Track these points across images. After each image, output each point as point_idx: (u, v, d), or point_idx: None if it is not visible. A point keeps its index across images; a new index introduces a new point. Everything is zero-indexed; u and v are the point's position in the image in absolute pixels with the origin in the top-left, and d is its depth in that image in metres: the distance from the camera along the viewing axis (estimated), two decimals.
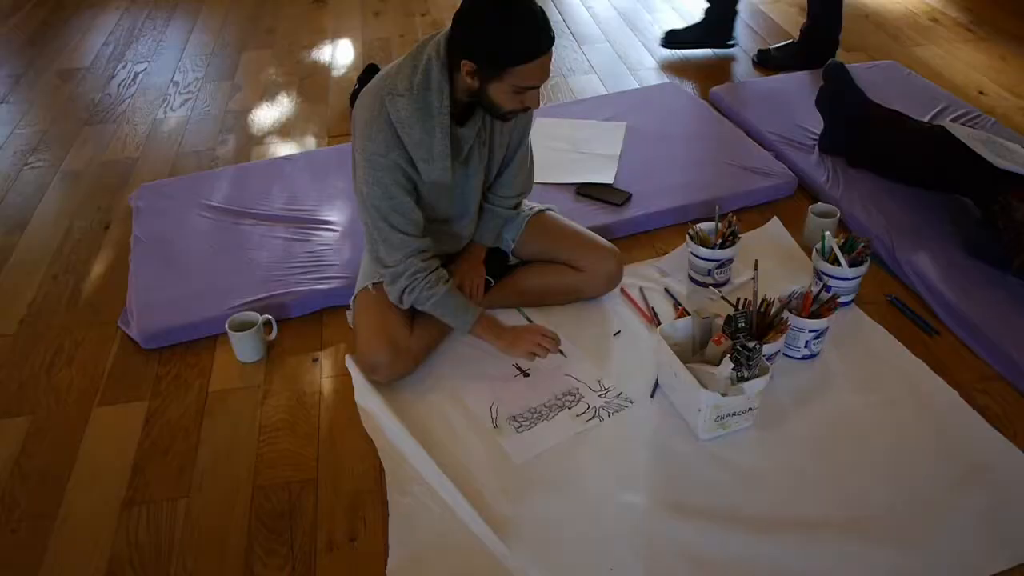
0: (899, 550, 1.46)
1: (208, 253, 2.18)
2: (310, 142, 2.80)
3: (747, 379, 1.58)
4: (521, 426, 1.71)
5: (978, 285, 1.98)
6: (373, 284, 1.82)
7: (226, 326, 1.88)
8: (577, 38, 3.50)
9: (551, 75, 3.12)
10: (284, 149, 2.76)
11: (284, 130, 2.88)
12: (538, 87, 1.58)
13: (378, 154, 1.62)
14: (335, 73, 3.27)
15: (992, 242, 2.02)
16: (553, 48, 1.53)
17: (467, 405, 1.76)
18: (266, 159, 2.67)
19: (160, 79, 3.30)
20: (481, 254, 1.96)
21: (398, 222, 1.67)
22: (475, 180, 1.80)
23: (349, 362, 1.86)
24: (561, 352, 1.82)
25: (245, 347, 1.90)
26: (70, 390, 1.87)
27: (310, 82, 3.21)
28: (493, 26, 1.49)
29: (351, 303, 1.88)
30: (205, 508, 1.60)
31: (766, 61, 3.18)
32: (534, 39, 1.50)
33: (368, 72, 3.04)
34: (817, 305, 1.81)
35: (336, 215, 2.30)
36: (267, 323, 1.93)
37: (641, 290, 2.05)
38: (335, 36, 3.60)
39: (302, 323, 2.02)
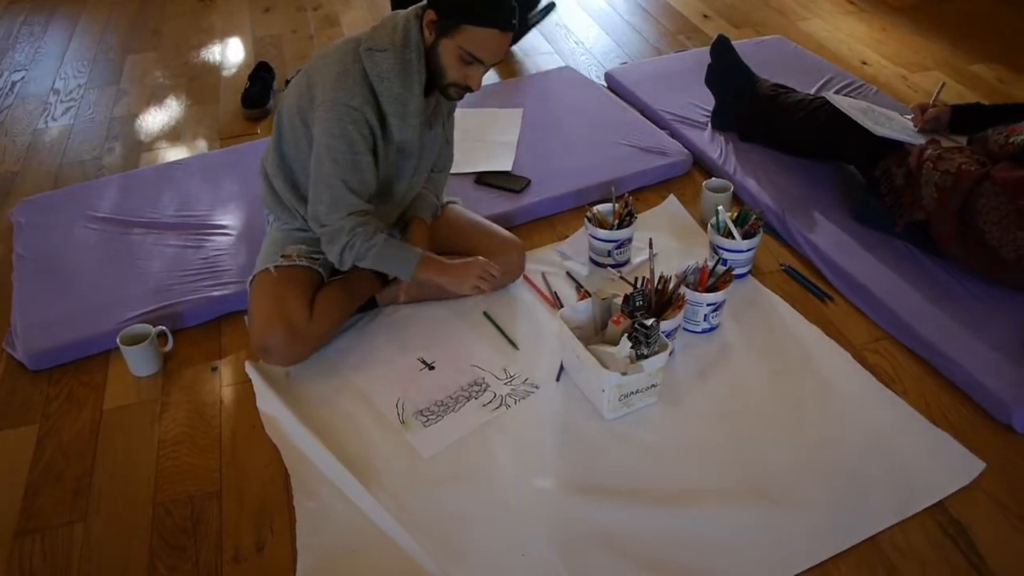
0: (805, 513, 1.50)
1: (96, 266, 2.10)
2: (201, 145, 2.72)
3: (647, 356, 1.60)
4: (428, 420, 1.70)
5: (866, 249, 2.05)
6: (275, 267, 1.78)
7: (117, 340, 1.81)
8: None
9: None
10: (174, 154, 2.67)
11: (174, 134, 2.79)
12: (484, 65, 1.64)
13: (351, 106, 1.63)
14: (225, 73, 3.18)
15: (877, 207, 2.09)
16: (510, 37, 1.61)
17: (372, 403, 1.74)
18: (155, 165, 2.58)
19: (40, 87, 3.15)
20: (425, 228, 1.93)
21: (353, 180, 1.68)
22: (428, 154, 1.85)
23: (249, 368, 1.82)
24: (513, 345, 1.86)
25: (139, 361, 1.83)
26: None
27: (199, 83, 3.12)
28: None
29: (247, 287, 1.83)
30: (104, 531, 1.54)
31: None
32: (497, 6, 1.56)
33: (259, 70, 2.98)
34: (714, 279, 1.85)
35: (230, 219, 2.23)
36: (161, 334, 1.87)
37: (543, 275, 2.06)
38: (224, 35, 3.50)
39: (199, 332, 1.96)
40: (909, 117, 2.27)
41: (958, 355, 1.76)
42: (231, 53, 3.34)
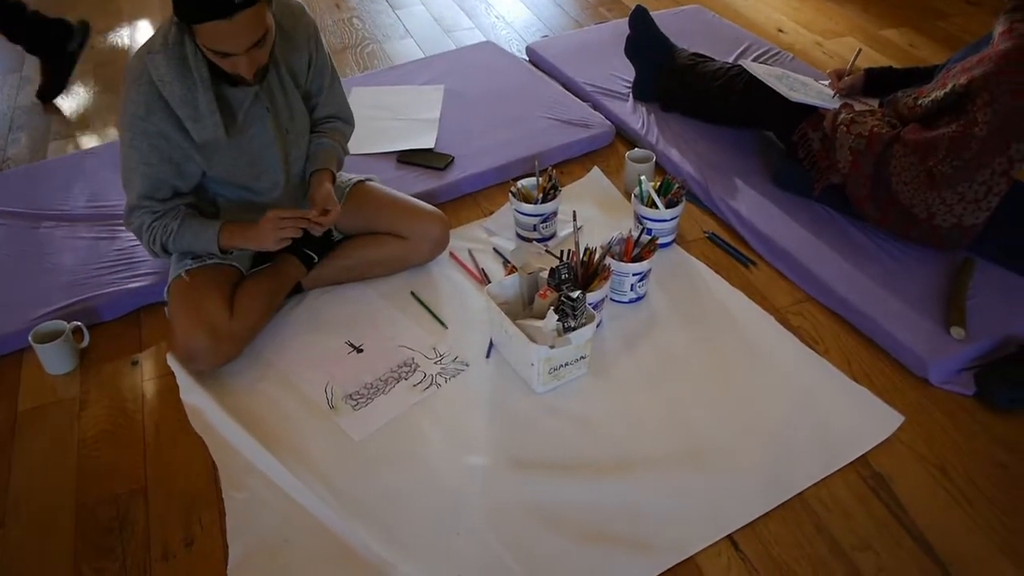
0: (734, 474, 1.53)
1: (3, 263, 2.01)
2: (111, 133, 2.62)
3: (574, 329, 1.61)
4: (358, 403, 1.68)
5: (786, 214, 2.09)
6: (187, 271, 1.73)
7: (29, 339, 1.74)
8: (391, 3, 3.43)
9: (366, 42, 3.09)
10: (84, 143, 2.57)
11: (83, 122, 2.69)
12: (234, 55, 1.48)
13: (138, 116, 1.56)
14: None
15: (795, 172, 2.13)
16: (245, 16, 1.43)
17: (300, 389, 1.71)
18: (64, 155, 2.48)
19: None
20: (327, 179, 1.82)
21: (147, 188, 1.63)
22: (273, 146, 1.73)
23: (171, 360, 1.77)
24: (442, 324, 1.84)
25: (53, 359, 1.77)
26: None
27: (108, 69, 3.00)
28: None
29: (165, 294, 1.78)
30: (23, 536, 1.49)
31: None
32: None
33: None
34: (639, 249, 1.86)
35: None
36: (76, 330, 1.81)
37: (470, 252, 2.04)
38: (132, 18, 3.38)
39: (117, 325, 1.90)
40: (825, 83, 2.31)
41: (876, 313, 1.80)
42: (141, 37, 3.22)
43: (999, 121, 1.74)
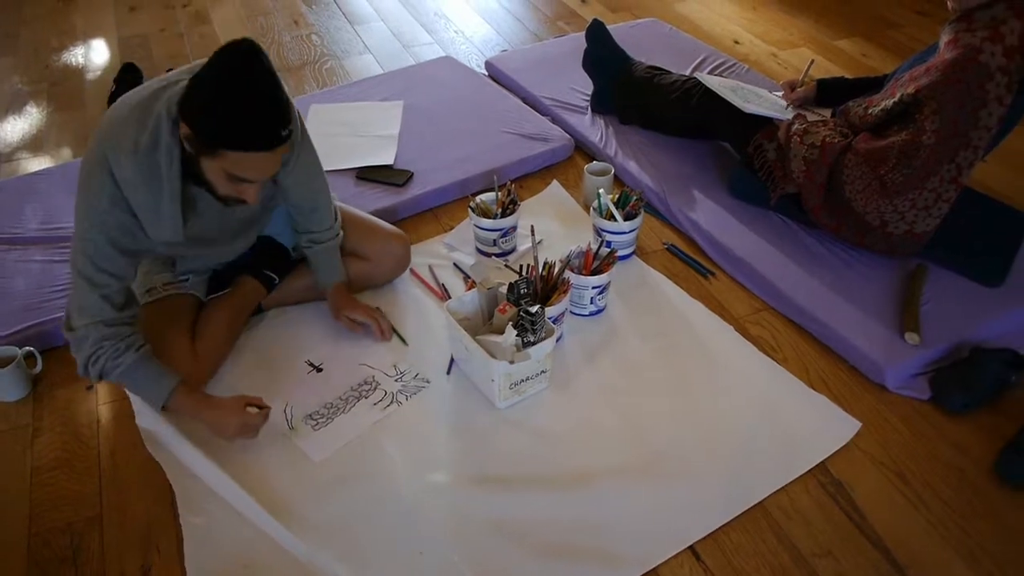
0: (696, 484, 1.54)
1: None
2: (66, 153, 2.58)
3: (534, 343, 1.61)
4: (318, 424, 1.66)
5: (744, 224, 2.11)
6: (144, 304, 1.70)
7: None
8: (350, 19, 3.42)
9: (325, 58, 3.08)
10: (36, 164, 2.53)
11: (35, 143, 2.64)
12: (255, 182, 1.44)
13: (98, 209, 1.44)
14: (90, 76, 3.03)
15: (751, 182, 2.15)
16: (284, 148, 1.40)
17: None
18: (15, 177, 2.44)
19: None
20: (343, 291, 1.85)
21: (102, 282, 1.49)
22: (238, 223, 1.69)
23: None
24: (403, 341, 1.83)
25: (5, 385, 1.73)
26: None
27: (62, 88, 2.96)
28: (218, 99, 1.32)
29: None
30: None
31: None
32: (255, 131, 1.35)
33: (126, 72, 2.85)
34: (598, 262, 1.87)
35: None
36: (29, 356, 1.77)
37: (430, 268, 2.04)
38: (87, 36, 3.33)
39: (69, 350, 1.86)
40: (778, 94, 2.34)
41: (832, 320, 1.83)
42: (95, 55, 3.18)
43: (946, 129, 1.78)
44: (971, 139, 1.79)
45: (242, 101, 1.33)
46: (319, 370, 1.78)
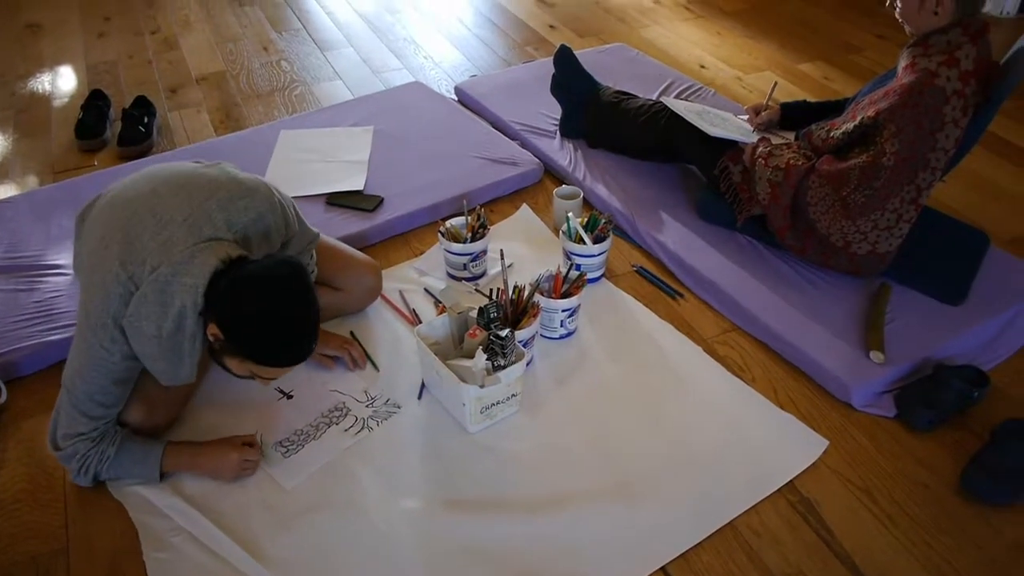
0: (667, 506, 1.55)
1: None
2: (31, 181, 2.56)
3: (504, 367, 1.61)
4: (288, 450, 1.65)
5: (711, 245, 2.14)
6: None
7: None
8: (320, 45, 3.43)
9: (295, 84, 3.09)
10: (2, 192, 2.50)
11: (0, 171, 2.62)
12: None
13: (108, 361, 1.44)
14: (57, 103, 3.01)
15: (718, 204, 2.18)
16: (306, 358, 1.45)
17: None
18: None
19: None
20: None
21: (98, 415, 1.50)
22: None
23: None
24: (375, 367, 1.83)
25: None
26: None
27: (28, 115, 2.94)
28: (247, 320, 1.36)
29: None
30: None
31: None
32: (291, 357, 1.42)
33: (94, 98, 2.84)
34: (568, 285, 1.88)
35: (65, 257, 2.11)
36: None
37: (401, 293, 2.04)
38: (54, 63, 3.31)
39: (37, 380, 1.84)
40: (743, 117, 2.38)
41: (799, 340, 1.85)
42: (62, 82, 3.16)
43: (905, 151, 1.82)
44: (929, 161, 1.83)
45: (283, 334, 1.39)
46: (289, 396, 1.77)
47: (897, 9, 1.88)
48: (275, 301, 1.37)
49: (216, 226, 1.47)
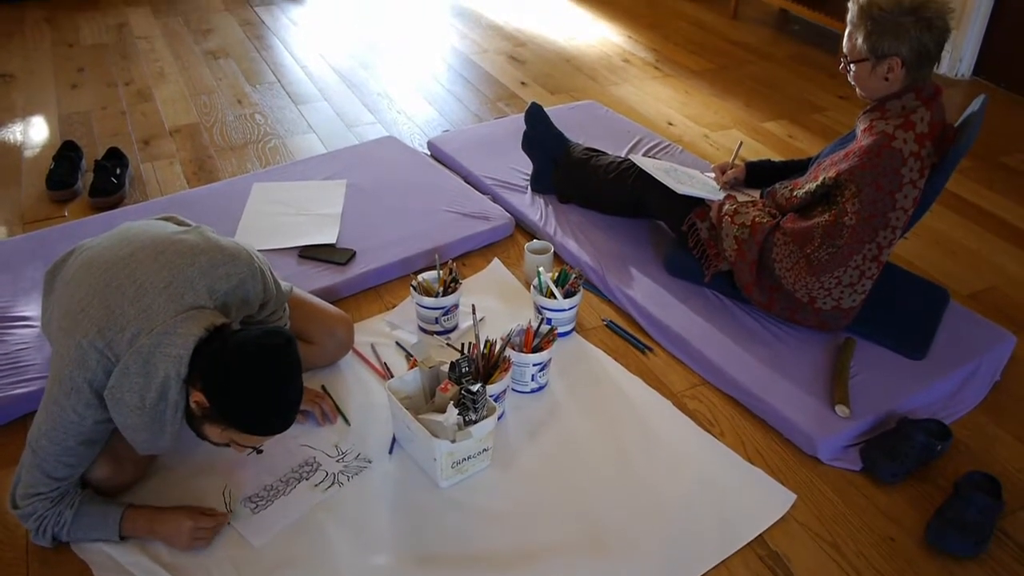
0: (638, 560, 1.55)
1: None
2: (0, 231, 2.54)
3: (475, 422, 1.62)
4: (257, 506, 1.64)
5: (680, 300, 2.17)
6: None
7: None
8: (294, 99, 3.47)
9: (268, 137, 3.12)
10: None
11: None
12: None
13: (79, 426, 1.43)
14: (28, 153, 3.01)
15: (686, 260, 2.22)
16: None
17: (195, 495, 1.65)
18: None
19: None
20: None
21: (63, 475, 1.48)
22: None
23: None
24: (346, 421, 1.81)
25: None
26: None
27: None
28: (239, 390, 1.38)
29: None
30: None
31: None
32: (267, 422, 1.43)
33: (66, 149, 2.84)
34: (539, 339, 1.90)
35: (33, 309, 2.09)
36: None
37: (372, 346, 2.05)
38: (26, 113, 3.31)
39: (3, 434, 1.81)
40: (710, 175, 2.44)
41: (766, 394, 1.88)
42: (34, 132, 3.16)
43: (866, 211, 1.87)
44: (889, 219, 1.89)
45: (273, 404, 1.41)
46: (258, 452, 1.75)
47: (850, 74, 1.95)
48: (268, 372, 1.39)
49: (198, 293, 1.47)
